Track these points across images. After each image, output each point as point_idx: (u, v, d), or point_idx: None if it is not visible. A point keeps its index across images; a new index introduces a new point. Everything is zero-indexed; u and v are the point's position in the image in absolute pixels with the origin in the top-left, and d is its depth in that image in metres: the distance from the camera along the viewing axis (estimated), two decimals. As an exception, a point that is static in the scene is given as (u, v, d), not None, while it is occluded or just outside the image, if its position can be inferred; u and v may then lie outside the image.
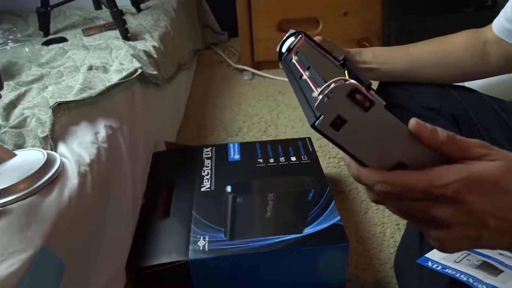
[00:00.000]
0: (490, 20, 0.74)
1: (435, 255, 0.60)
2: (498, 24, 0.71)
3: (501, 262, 0.58)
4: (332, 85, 0.31)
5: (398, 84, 0.79)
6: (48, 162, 0.62)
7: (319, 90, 0.33)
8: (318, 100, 0.32)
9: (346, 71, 0.49)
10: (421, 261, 0.59)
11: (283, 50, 0.60)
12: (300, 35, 0.59)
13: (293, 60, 0.54)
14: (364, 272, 0.80)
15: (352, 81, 0.32)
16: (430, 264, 0.58)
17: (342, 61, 0.55)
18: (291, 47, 0.59)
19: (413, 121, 0.33)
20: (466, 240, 0.34)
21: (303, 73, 0.43)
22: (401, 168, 0.34)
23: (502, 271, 0.57)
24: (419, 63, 0.77)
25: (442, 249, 0.36)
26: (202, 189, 0.85)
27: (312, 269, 0.73)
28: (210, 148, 1.00)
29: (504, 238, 0.35)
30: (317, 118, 0.32)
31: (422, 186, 0.33)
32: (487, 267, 0.58)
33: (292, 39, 0.60)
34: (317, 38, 0.70)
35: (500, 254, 0.59)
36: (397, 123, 0.33)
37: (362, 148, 0.33)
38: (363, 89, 0.31)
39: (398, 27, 1.60)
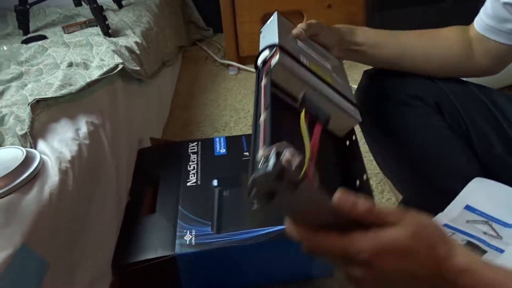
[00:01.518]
0: (469, 11, 0.74)
1: None
2: (479, 20, 0.70)
3: (484, 242, 0.59)
4: (265, 167, 0.34)
5: (384, 74, 0.78)
6: (27, 160, 0.61)
7: (261, 153, 0.37)
8: (251, 178, 0.35)
9: (303, 111, 0.50)
10: None
11: (258, 63, 0.60)
12: (275, 48, 0.58)
13: (262, 83, 0.55)
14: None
15: (287, 156, 0.34)
16: None
17: (301, 100, 0.54)
18: (265, 61, 0.58)
19: (336, 197, 0.37)
20: None
21: (262, 114, 0.47)
22: (329, 227, 0.38)
23: (485, 251, 0.58)
24: (408, 53, 0.76)
25: None
26: (188, 184, 0.85)
27: (299, 260, 0.73)
28: (195, 142, 0.99)
29: None
30: (252, 191, 0.35)
31: (338, 250, 0.37)
32: (471, 247, 0.58)
33: (267, 52, 0.59)
34: (301, 25, 0.69)
35: (484, 233, 0.60)
36: (324, 197, 0.37)
37: (292, 212, 0.38)
38: (292, 168, 0.34)
39: (381, 18, 1.61)
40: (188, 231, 0.72)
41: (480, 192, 0.65)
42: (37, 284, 0.53)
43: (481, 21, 0.70)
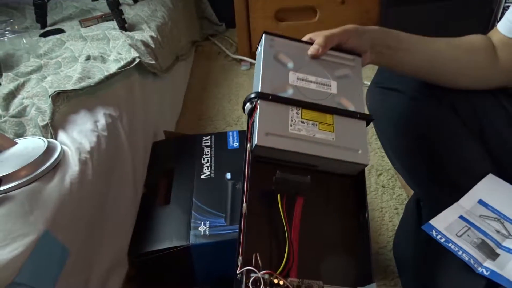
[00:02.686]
0: (487, 6, 0.72)
1: (438, 224, 0.62)
2: (507, 23, 0.69)
3: (497, 242, 0.60)
4: None
5: None
6: (49, 150, 0.63)
7: (239, 263, 0.49)
8: None
9: (279, 196, 0.53)
10: (426, 228, 0.61)
11: (244, 111, 0.59)
12: (254, 103, 0.56)
13: (247, 147, 0.56)
14: (363, 256, 0.80)
15: (250, 283, 0.47)
16: (434, 233, 0.60)
17: (275, 182, 0.53)
18: (251, 110, 0.57)
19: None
20: None
21: (244, 204, 0.51)
22: None
23: (498, 254, 0.58)
24: (437, 60, 0.72)
25: None
26: (202, 177, 0.86)
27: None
28: (209, 136, 1.00)
29: None
30: None
31: None
32: (485, 248, 0.59)
33: (248, 105, 0.57)
34: (319, 40, 0.64)
35: (497, 231, 0.60)
36: None
37: None
38: None
39: (396, 14, 1.60)
40: (202, 222, 0.74)
41: (493, 189, 0.66)
42: (58, 271, 0.55)
43: (508, 22, 0.68)
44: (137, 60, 0.93)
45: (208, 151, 0.95)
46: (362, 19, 1.67)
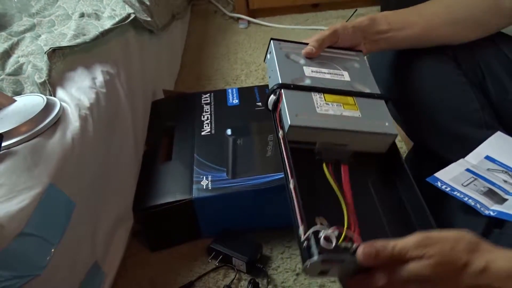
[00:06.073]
0: None
1: (444, 176, 0.62)
2: None
3: (505, 190, 0.60)
4: (309, 254, 0.41)
5: None
6: (48, 106, 0.62)
7: (301, 230, 0.44)
8: (302, 269, 0.44)
9: (324, 165, 0.53)
10: (430, 180, 0.61)
11: (269, 106, 0.59)
12: (278, 92, 0.57)
13: (280, 135, 0.55)
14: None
15: (324, 236, 0.42)
16: (439, 184, 0.60)
17: (317, 153, 0.54)
18: (276, 103, 0.57)
19: (359, 254, 0.41)
20: None
21: (290, 180, 0.50)
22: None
23: (506, 199, 0.59)
24: (434, 23, 0.72)
25: None
26: (203, 133, 0.86)
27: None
28: (208, 94, 1.00)
29: None
30: (307, 272, 0.42)
31: None
32: (492, 195, 0.60)
33: (272, 97, 0.58)
34: (312, 43, 0.66)
35: (504, 181, 0.60)
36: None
37: (342, 274, 0.45)
38: (333, 245, 0.42)
39: (397, 1, 1.54)
40: (204, 177, 0.75)
41: (501, 146, 0.66)
42: (65, 223, 0.56)
43: None
44: (132, 16, 0.91)
45: (207, 109, 0.94)
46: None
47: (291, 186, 0.49)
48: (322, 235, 0.42)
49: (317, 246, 0.41)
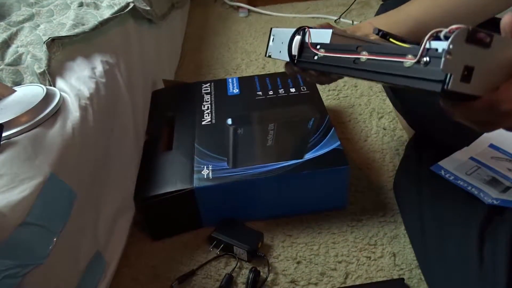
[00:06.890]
0: None
1: (447, 164, 0.62)
2: None
3: (508, 178, 0.60)
4: (449, 39, 0.30)
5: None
6: (48, 96, 0.62)
7: (414, 55, 0.33)
8: (442, 61, 0.30)
9: (391, 39, 0.45)
10: (434, 169, 0.61)
11: (293, 52, 0.57)
12: (304, 28, 0.56)
13: (321, 54, 0.51)
14: (364, 195, 0.82)
15: (456, 25, 0.31)
16: (443, 172, 0.60)
17: (380, 33, 0.47)
18: (303, 45, 0.55)
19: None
20: None
21: (360, 55, 0.41)
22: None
23: (510, 187, 0.59)
24: (424, 19, 0.68)
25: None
26: (203, 123, 0.86)
27: (313, 193, 0.76)
28: (208, 83, 1.00)
29: None
30: (446, 81, 0.30)
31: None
32: (496, 183, 0.60)
33: (298, 37, 0.56)
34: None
35: (508, 169, 0.61)
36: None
37: (485, 84, 0.33)
38: (476, 27, 0.30)
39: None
40: (205, 166, 0.75)
41: (504, 134, 0.66)
42: (67, 213, 0.56)
43: None
44: (131, 5, 0.90)
45: (208, 98, 0.94)
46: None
47: (367, 54, 0.42)
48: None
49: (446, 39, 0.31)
